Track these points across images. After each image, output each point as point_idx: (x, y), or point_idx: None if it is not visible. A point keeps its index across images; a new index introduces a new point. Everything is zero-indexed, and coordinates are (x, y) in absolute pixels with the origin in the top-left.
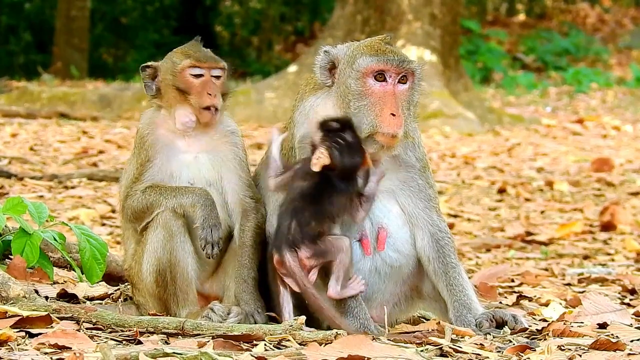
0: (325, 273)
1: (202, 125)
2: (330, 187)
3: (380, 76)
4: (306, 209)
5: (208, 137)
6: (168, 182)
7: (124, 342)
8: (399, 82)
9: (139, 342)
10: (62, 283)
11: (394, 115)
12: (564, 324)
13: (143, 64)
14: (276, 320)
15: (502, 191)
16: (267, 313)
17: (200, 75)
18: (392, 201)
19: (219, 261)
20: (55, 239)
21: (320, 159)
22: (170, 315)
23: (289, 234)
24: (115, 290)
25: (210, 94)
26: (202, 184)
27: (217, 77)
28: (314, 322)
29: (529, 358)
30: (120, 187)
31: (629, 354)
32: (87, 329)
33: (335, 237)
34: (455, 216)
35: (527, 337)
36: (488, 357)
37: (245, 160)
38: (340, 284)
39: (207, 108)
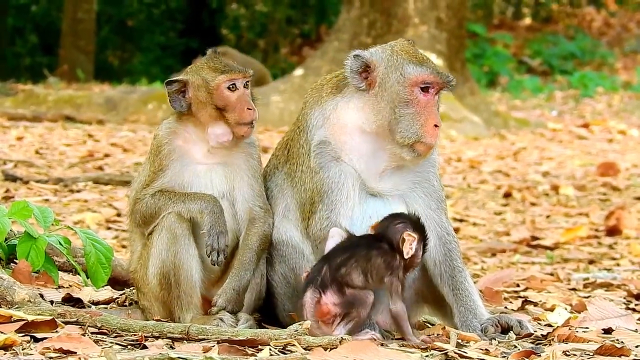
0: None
1: (238, 139)
2: (374, 247)
3: (425, 87)
4: (339, 255)
5: (225, 150)
6: (179, 190)
7: (129, 346)
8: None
9: (144, 347)
10: (67, 287)
11: (436, 126)
12: (569, 329)
13: (168, 79)
14: (282, 325)
15: (507, 195)
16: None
17: (235, 88)
18: (401, 204)
19: (226, 267)
20: (60, 243)
21: (412, 250)
22: (174, 320)
23: (319, 275)
24: (121, 295)
25: (250, 109)
26: (214, 195)
27: (247, 87)
28: None
29: None
30: (130, 192)
31: None
32: (92, 333)
33: (360, 291)
34: (460, 220)
35: (533, 343)
36: None
37: (259, 171)
38: (347, 330)
39: (247, 123)
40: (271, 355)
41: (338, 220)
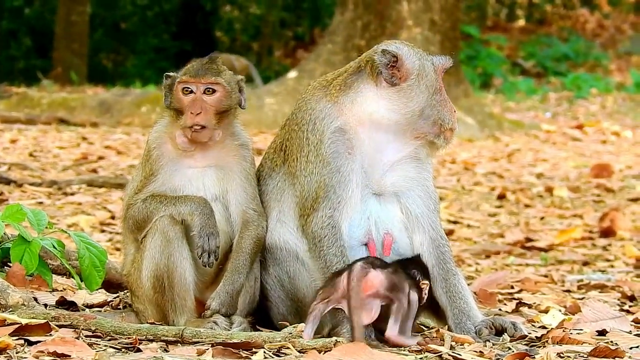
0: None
1: (195, 145)
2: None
3: (444, 74)
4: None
5: (216, 152)
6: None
7: (123, 349)
8: None
9: (138, 350)
10: (61, 290)
11: (455, 112)
12: (563, 331)
13: (167, 72)
14: (276, 328)
15: (501, 197)
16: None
17: (191, 92)
18: (395, 205)
19: (220, 270)
20: (54, 247)
21: (426, 295)
22: (168, 323)
23: (368, 258)
24: (115, 298)
25: (192, 113)
26: (207, 197)
27: (212, 92)
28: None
29: None
30: (124, 197)
31: None
32: (86, 336)
33: (399, 278)
34: (455, 222)
35: (527, 345)
36: None
37: (252, 173)
38: (399, 327)
39: (191, 127)
40: (265, 358)
41: (340, 219)
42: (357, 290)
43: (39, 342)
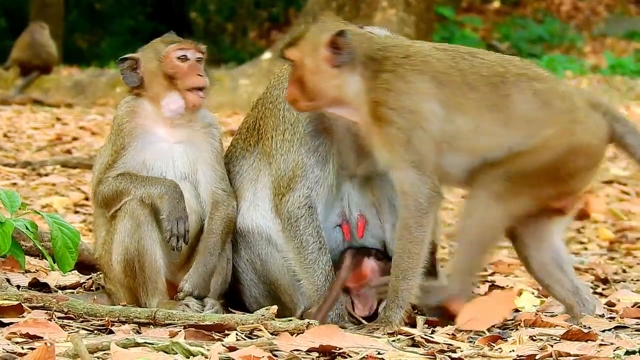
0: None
1: (190, 110)
2: None
3: None
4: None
5: (187, 128)
6: (140, 171)
7: (95, 331)
8: None
9: (111, 332)
10: (34, 272)
11: None
12: (536, 314)
13: (121, 57)
14: (248, 310)
15: None
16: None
17: (186, 59)
18: (368, 187)
19: (192, 251)
20: (27, 228)
21: None
22: (141, 305)
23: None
24: (87, 279)
25: (199, 75)
26: (176, 175)
27: (199, 61)
28: (285, 312)
29: (500, 348)
30: (93, 173)
31: (601, 344)
32: (58, 318)
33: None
34: None
35: (499, 327)
36: (460, 347)
37: (221, 152)
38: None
39: (197, 89)
40: (238, 340)
41: (317, 199)
42: (345, 272)
43: (12, 323)
